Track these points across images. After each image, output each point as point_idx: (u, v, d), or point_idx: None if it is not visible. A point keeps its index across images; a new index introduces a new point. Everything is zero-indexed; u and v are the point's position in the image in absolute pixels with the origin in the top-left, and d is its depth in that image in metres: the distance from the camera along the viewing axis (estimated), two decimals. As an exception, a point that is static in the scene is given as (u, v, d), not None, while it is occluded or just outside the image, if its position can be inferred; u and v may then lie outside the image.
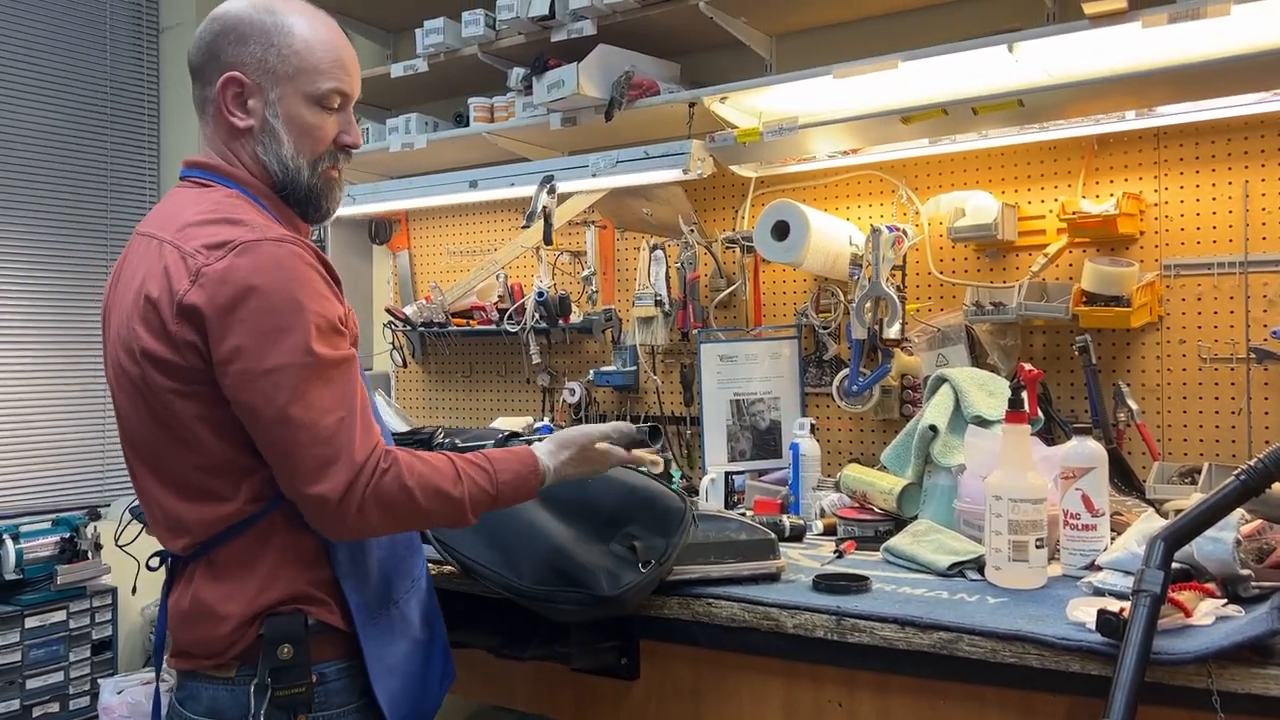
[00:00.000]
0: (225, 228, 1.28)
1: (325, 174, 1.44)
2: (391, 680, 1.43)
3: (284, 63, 1.38)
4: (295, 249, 1.28)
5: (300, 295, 1.25)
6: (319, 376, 1.25)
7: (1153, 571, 1.27)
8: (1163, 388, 2.19)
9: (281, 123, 1.39)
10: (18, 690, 3.05)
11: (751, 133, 2.36)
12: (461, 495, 1.34)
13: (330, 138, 1.43)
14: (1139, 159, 2.22)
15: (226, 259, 1.24)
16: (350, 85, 1.43)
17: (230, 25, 1.38)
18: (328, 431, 1.24)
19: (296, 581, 1.33)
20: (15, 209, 3.53)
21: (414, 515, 1.33)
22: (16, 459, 3.50)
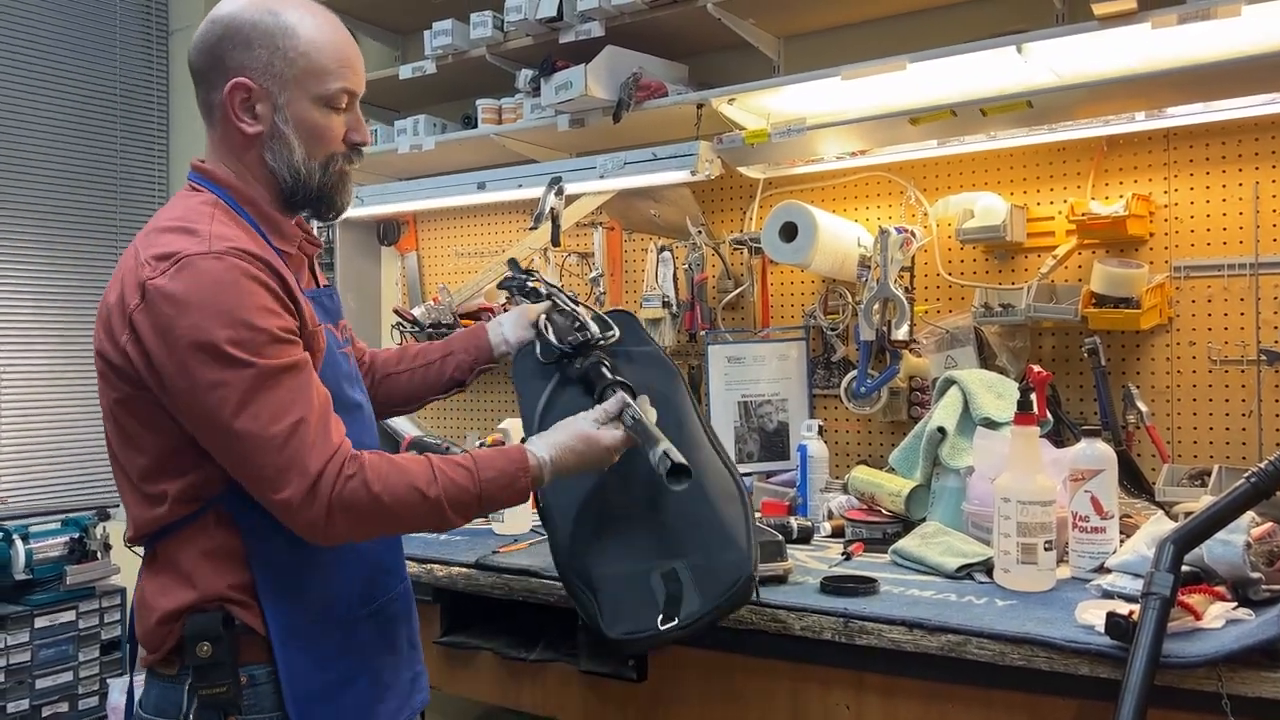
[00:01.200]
0: (178, 238, 1.28)
1: (338, 173, 1.43)
2: (317, 706, 1.36)
3: (290, 66, 1.36)
4: (236, 262, 1.26)
5: (235, 309, 1.24)
6: (263, 386, 1.24)
7: (1162, 574, 1.27)
8: (1172, 390, 2.18)
9: (291, 127, 1.38)
10: (27, 690, 3.06)
11: (759, 134, 2.36)
12: (437, 496, 1.31)
13: (340, 137, 1.42)
14: (1149, 160, 2.21)
15: (167, 274, 1.25)
16: (357, 83, 1.42)
17: (233, 29, 1.36)
18: (278, 440, 1.24)
19: (218, 583, 1.33)
20: (25, 209, 3.54)
21: (386, 520, 1.31)
22: (26, 459, 3.52)
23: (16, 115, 3.52)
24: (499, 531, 2.21)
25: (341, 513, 1.26)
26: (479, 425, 3.26)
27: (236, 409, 1.23)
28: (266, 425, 1.24)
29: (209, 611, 1.32)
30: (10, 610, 3.02)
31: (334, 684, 1.38)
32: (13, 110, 3.51)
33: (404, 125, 3.02)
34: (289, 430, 1.24)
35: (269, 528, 1.31)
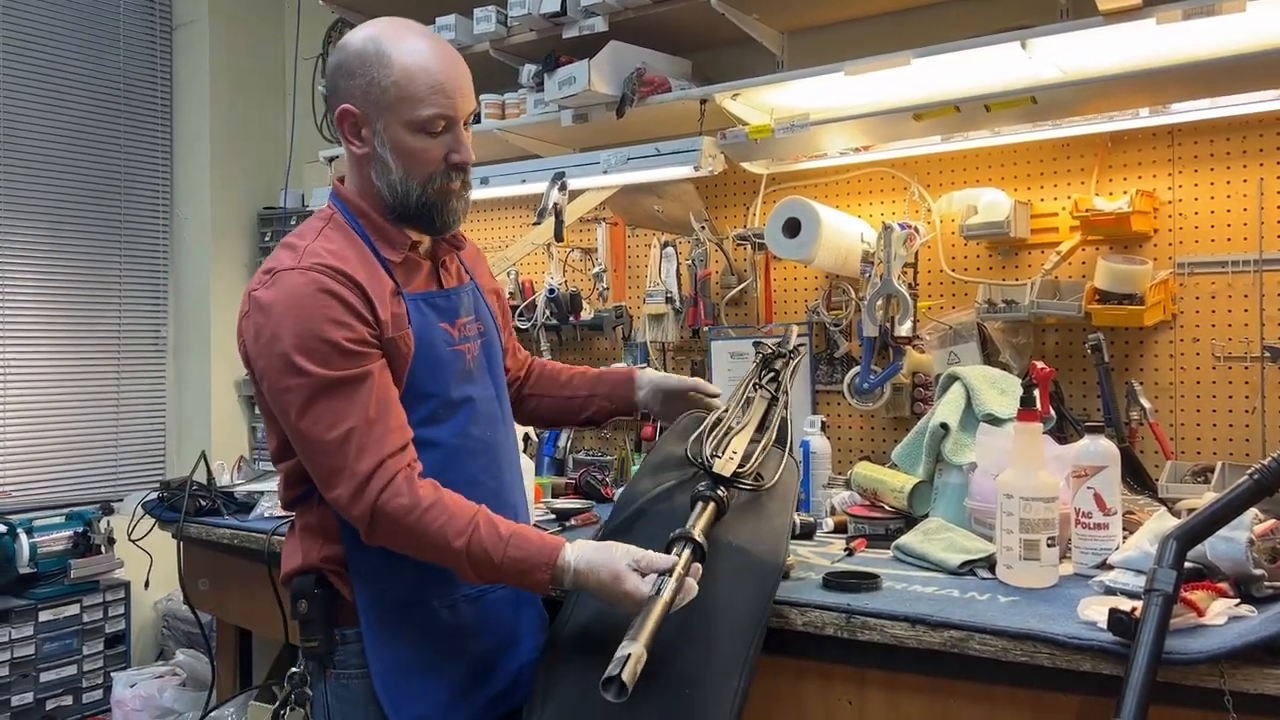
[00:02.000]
0: (283, 252, 1.46)
1: (439, 190, 1.51)
2: (409, 680, 1.47)
3: (384, 94, 1.45)
4: (317, 277, 1.40)
5: (306, 321, 1.38)
6: (321, 395, 1.38)
7: (1165, 571, 1.26)
8: (1176, 386, 2.18)
9: (389, 150, 1.48)
10: (32, 683, 3.07)
11: (763, 129, 2.35)
12: (461, 548, 1.37)
13: (438, 158, 1.49)
14: (1153, 156, 2.21)
15: (264, 287, 1.42)
16: (453, 107, 1.47)
17: (343, 59, 1.49)
18: (332, 445, 1.38)
19: (315, 554, 1.50)
20: (30, 206, 3.55)
21: (414, 545, 1.40)
22: (31, 454, 3.52)
23: (22, 111, 3.52)
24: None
25: (381, 520, 1.37)
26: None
27: (300, 413, 1.38)
28: (323, 431, 1.37)
29: (308, 574, 1.50)
30: (14, 604, 3.04)
31: (418, 662, 1.49)
32: (18, 106, 3.51)
33: (407, 120, 3.02)
34: (342, 437, 1.37)
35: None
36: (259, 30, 4.06)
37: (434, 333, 1.52)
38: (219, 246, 3.93)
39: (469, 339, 1.60)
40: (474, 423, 1.56)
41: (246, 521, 2.36)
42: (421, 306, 1.52)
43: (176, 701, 3.07)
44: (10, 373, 3.48)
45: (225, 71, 3.95)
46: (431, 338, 1.51)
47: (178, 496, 2.45)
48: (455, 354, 1.56)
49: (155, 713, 3.06)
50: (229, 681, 2.75)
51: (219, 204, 3.94)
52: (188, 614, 3.12)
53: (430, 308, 1.54)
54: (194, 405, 3.97)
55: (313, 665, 1.52)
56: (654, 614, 1.33)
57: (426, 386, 1.50)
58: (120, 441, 3.81)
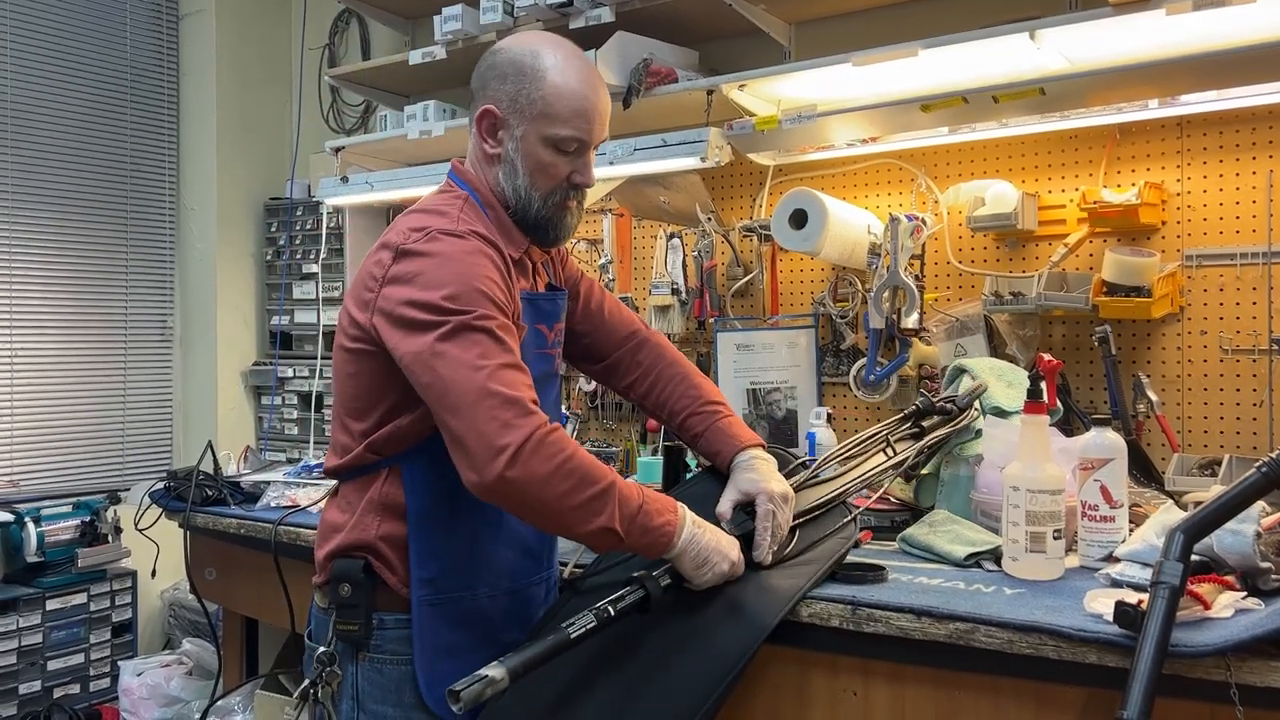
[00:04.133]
0: (431, 217, 1.48)
1: (558, 206, 1.57)
2: (442, 662, 1.49)
3: (531, 105, 1.51)
4: (478, 243, 1.45)
5: (467, 275, 1.40)
6: (473, 332, 1.37)
7: (1172, 563, 1.26)
8: (1183, 379, 2.17)
9: (521, 157, 1.54)
10: (39, 671, 3.09)
11: (770, 120, 2.35)
12: (611, 481, 1.38)
13: (563, 176, 1.55)
14: (1161, 148, 2.20)
15: (418, 242, 1.43)
16: (589, 133, 1.54)
17: (500, 61, 1.54)
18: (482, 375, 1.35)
19: (369, 534, 1.50)
20: (38, 196, 3.55)
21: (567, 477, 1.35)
22: (38, 443, 3.54)
23: (29, 101, 3.53)
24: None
25: (542, 448, 1.33)
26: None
27: (442, 346, 1.36)
28: (474, 359, 1.35)
29: (354, 558, 1.50)
30: (22, 593, 3.05)
31: (462, 647, 1.49)
32: (25, 96, 3.51)
33: (414, 111, 3.02)
34: (494, 369, 1.35)
35: (436, 494, 1.48)
36: (265, 20, 4.06)
37: (534, 336, 1.57)
38: (225, 237, 3.94)
39: (559, 344, 1.67)
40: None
41: (253, 511, 2.36)
42: (527, 307, 1.56)
43: (183, 690, 3.09)
44: (18, 363, 3.49)
45: (231, 62, 3.95)
46: (531, 341, 1.55)
47: (184, 486, 2.45)
48: (545, 357, 1.61)
49: (162, 701, 3.07)
50: (235, 671, 2.76)
51: (225, 194, 3.94)
52: (194, 603, 3.13)
53: (534, 309, 1.58)
54: (200, 395, 3.98)
55: (344, 648, 1.53)
56: (546, 647, 1.33)
57: None
58: (127, 431, 3.82)
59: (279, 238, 3.95)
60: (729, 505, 1.61)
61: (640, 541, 1.41)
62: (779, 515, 1.59)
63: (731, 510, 1.60)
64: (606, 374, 1.84)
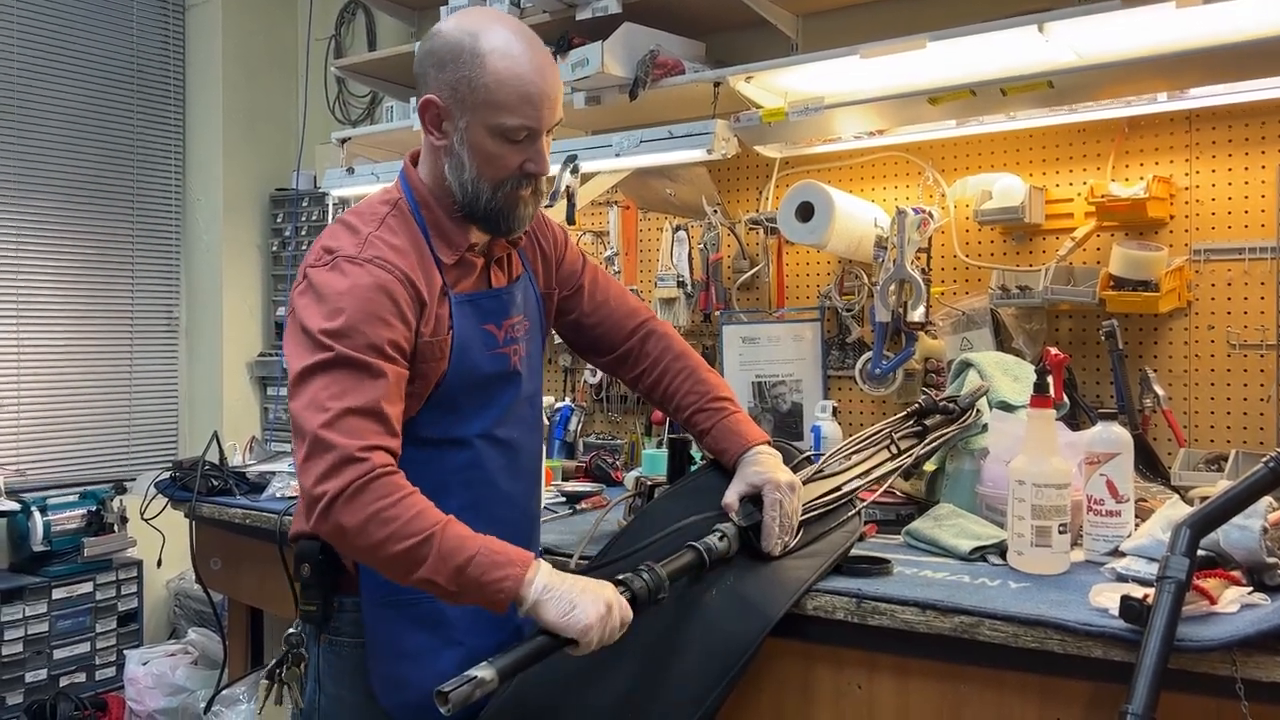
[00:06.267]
0: (344, 235, 1.44)
1: (509, 196, 1.48)
2: (402, 666, 1.46)
3: (473, 94, 1.42)
4: (378, 273, 1.39)
5: (355, 313, 1.36)
6: (337, 368, 1.34)
7: (1178, 558, 1.26)
8: (1190, 374, 2.17)
9: (468, 149, 1.45)
10: (45, 660, 3.10)
11: (777, 113, 2.34)
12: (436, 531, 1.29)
13: (514, 166, 1.46)
14: (1170, 142, 2.19)
15: (320, 269, 1.41)
16: (539, 120, 1.44)
17: (437, 47, 1.45)
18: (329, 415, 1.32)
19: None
20: (44, 186, 3.56)
21: (376, 526, 1.29)
22: (44, 433, 3.55)
23: (36, 92, 3.53)
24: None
25: (358, 496, 1.29)
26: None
27: (305, 380, 1.35)
28: (326, 399, 1.33)
29: (314, 540, 1.48)
30: (29, 581, 3.07)
31: (412, 650, 1.47)
32: (32, 87, 3.52)
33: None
34: (342, 411, 1.32)
35: None
36: (271, 11, 4.05)
37: (475, 336, 1.51)
38: (231, 227, 3.94)
39: (516, 340, 1.58)
40: (502, 423, 1.54)
41: (258, 501, 2.37)
42: (467, 309, 1.51)
43: (188, 680, 3.10)
44: (25, 353, 3.49)
45: (237, 53, 3.95)
46: (470, 342, 1.50)
47: (190, 476, 2.46)
48: (497, 357, 1.54)
49: (167, 691, 3.08)
50: (240, 660, 2.77)
51: (231, 185, 3.94)
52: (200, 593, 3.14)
53: (475, 309, 1.52)
54: (206, 385, 3.99)
55: (309, 629, 1.53)
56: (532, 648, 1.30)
57: (454, 392, 1.48)
58: (133, 421, 3.83)
59: (285, 228, 3.95)
60: (735, 497, 1.60)
61: (476, 597, 1.31)
62: (786, 504, 1.58)
63: (738, 501, 1.59)
64: (616, 365, 1.80)
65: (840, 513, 1.70)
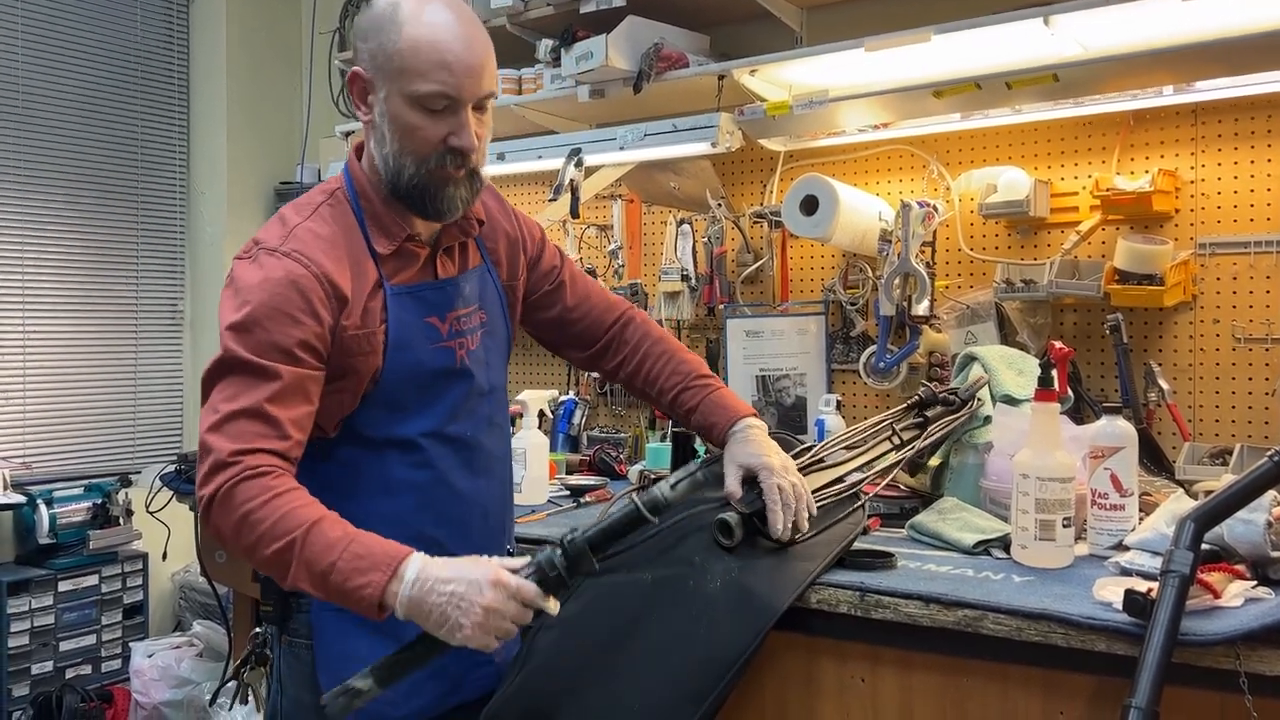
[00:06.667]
0: (273, 226, 1.43)
1: (434, 174, 1.40)
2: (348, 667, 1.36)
3: (389, 61, 1.37)
4: (292, 267, 1.35)
5: (261, 308, 1.34)
6: (235, 371, 1.33)
7: (1182, 552, 1.26)
8: (1195, 368, 2.16)
9: (388, 121, 1.39)
10: (51, 652, 3.11)
11: (781, 106, 2.34)
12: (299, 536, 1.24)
13: (437, 139, 1.39)
14: (1176, 135, 2.19)
15: (242, 260, 1.40)
16: (456, 87, 1.37)
17: (362, 20, 1.42)
18: (218, 418, 1.31)
19: None
20: (49, 180, 3.56)
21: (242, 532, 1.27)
22: (50, 425, 3.55)
23: (40, 86, 3.53)
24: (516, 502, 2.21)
25: (223, 502, 1.28)
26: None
27: (210, 379, 1.34)
28: (218, 401, 1.32)
29: None
30: (35, 574, 3.08)
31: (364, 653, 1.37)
32: (36, 81, 3.52)
33: (424, 95, 3.01)
34: (230, 414, 1.30)
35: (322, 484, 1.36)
36: (275, 4, 4.05)
37: (415, 329, 1.45)
38: (235, 221, 3.94)
39: (465, 332, 1.51)
40: (453, 420, 1.49)
41: (263, 495, 2.37)
42: (405, 301, 1.45)
43: (193, 672, 3.11)
44: (31, 346, 3.50)
45: (241, 46, 3.94)
46: (409, 334, 1.44)
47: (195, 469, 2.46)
48: (441, 351, 1.48)
49: (173, 683, 3.09)
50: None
51: (235, 178, 3.94)
52: (204, 586, 3.15)
53: (416, 302, 1.46)
54: (211, 379, 3.99)
55: (271, 629, 1.49)
56: (413, 653, 1.27)
57: (394, 387, 1.43)
58: (138, 414, 3.83)
59: (289, 222, 3.95)
60: (735, 482, 1.58)
61: (345, 603, 1.25)
62: (785, 486, 1.55)
63: (740, 488, 1.58)
64: (597, 357, 1.76)
65: (845, 505, 1.70)
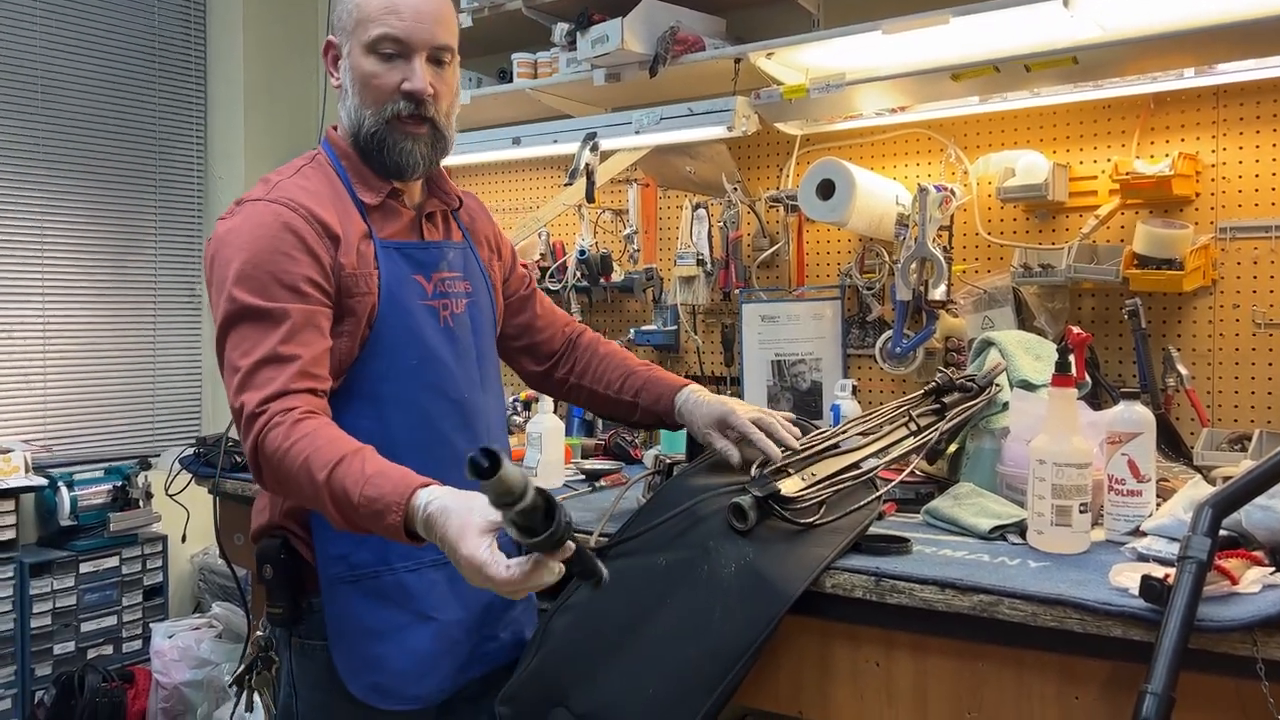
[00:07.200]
0: (257, 186, 1.44)
1: (392, 124, 1.44)
2: (370, 645, 1.41)
3: (349, 17, 1.44)
4: (280, 210, 1.38)
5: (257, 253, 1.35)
6: (245, 321, 1.33)
7: (1199, 538, 1.25)
8: (1214, 353, 2.15)
9: (350, 76, 1.46)
10: (73, 633, 3.15)
11: (798, 89, 2.33)
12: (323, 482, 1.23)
13: (392, 86, 1.43)
14: (1196, 118, 2.16)
15: (225, 218, 1.41)
16: (406, 31, 1.42)
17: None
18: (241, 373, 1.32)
19: (276, 513, 1.47)
20: (68, 165, 3.58)
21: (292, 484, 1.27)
22: (70, 409, 3.58)
23: (58, 72, 3.54)
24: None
25: (260, 459, 1.29)
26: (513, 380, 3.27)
27: (222, 336, 1.35)
28: (238, 358, 1.32)
29: (274, 538, 1.46)
30: (56, 555, 3.11)
31: (378, 629, 1.42)
32: (54, 68, 3.53)
33: (439, 79, 3.01)
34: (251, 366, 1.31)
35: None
36: (291, -12, 4.05)
37: (405, 284, 1.47)
38: (252, 206, 3.95)
39: (449, 295, 1.54)
40: (448, 381, 1.50)
41: (281, 478, 2.38)
42: (393, 254, 1.47)
43: (213, 653, 3.14)
44: (51, 331, 3.53)
45: (258, 31, 3.95)
46: (400, 289, 1.46)
47: (213, 452, 2.48)
48: (428, 309, 1.50)
49: (192, 663, 3.13)
50: (264, 634, 2.80)
51: (253, 163, 3.95)
52: (223, 567, 3.18)
53: (403, 257, 1.49)
54: (228, 363, 4.01)
55: (278, 632, 1.48)
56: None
57: (391, 335, 1.44)
58: (157, 397, 3.86)
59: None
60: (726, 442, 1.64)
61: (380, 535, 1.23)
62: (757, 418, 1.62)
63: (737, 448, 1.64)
64: (552, 369, 1.81)
65: (863, 493, 1.70)
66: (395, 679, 1.42)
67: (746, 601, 1.48)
